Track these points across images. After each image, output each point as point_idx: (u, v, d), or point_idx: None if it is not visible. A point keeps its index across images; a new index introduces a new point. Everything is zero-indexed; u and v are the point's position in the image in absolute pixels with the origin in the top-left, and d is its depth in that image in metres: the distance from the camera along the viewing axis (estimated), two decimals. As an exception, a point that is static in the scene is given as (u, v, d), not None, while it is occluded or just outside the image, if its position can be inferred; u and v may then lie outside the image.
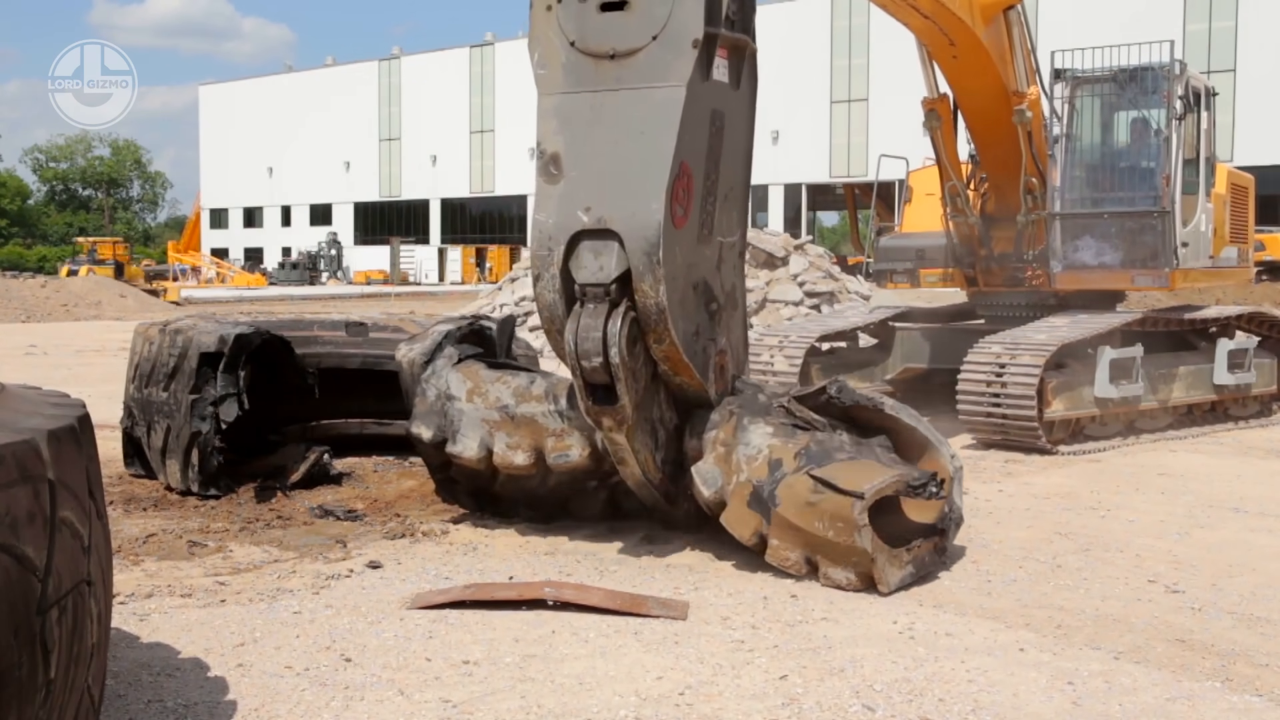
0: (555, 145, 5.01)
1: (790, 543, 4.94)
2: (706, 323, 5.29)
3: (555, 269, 4.95)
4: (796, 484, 4.94)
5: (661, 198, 4.77)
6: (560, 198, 4.96)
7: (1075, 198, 9.76)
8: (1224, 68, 42.51)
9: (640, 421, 5.12)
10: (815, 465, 4.99)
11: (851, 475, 4.94)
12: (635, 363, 4.92)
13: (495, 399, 5.79)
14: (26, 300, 29.36)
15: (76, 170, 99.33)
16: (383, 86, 72.75)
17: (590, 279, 4.88)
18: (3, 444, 2.27)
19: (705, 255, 5.27)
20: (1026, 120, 9.49)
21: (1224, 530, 6.17)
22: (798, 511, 4.89)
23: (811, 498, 4.87)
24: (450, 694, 3.67)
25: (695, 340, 5.19)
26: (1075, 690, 3.74)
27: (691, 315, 5.15)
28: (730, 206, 5.48)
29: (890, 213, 16.80)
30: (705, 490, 5.19)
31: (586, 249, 4.91)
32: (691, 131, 4.97)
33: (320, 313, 22.09)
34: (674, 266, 4.91)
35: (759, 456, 5.11)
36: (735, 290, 5.64)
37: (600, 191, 4.90)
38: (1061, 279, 9.76)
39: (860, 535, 4.74)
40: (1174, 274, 9.41)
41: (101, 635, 2.80)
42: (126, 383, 7.28)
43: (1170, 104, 9.37)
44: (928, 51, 9.56)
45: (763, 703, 3.61)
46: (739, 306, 5.70)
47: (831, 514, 4.81)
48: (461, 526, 5.94)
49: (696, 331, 5.19)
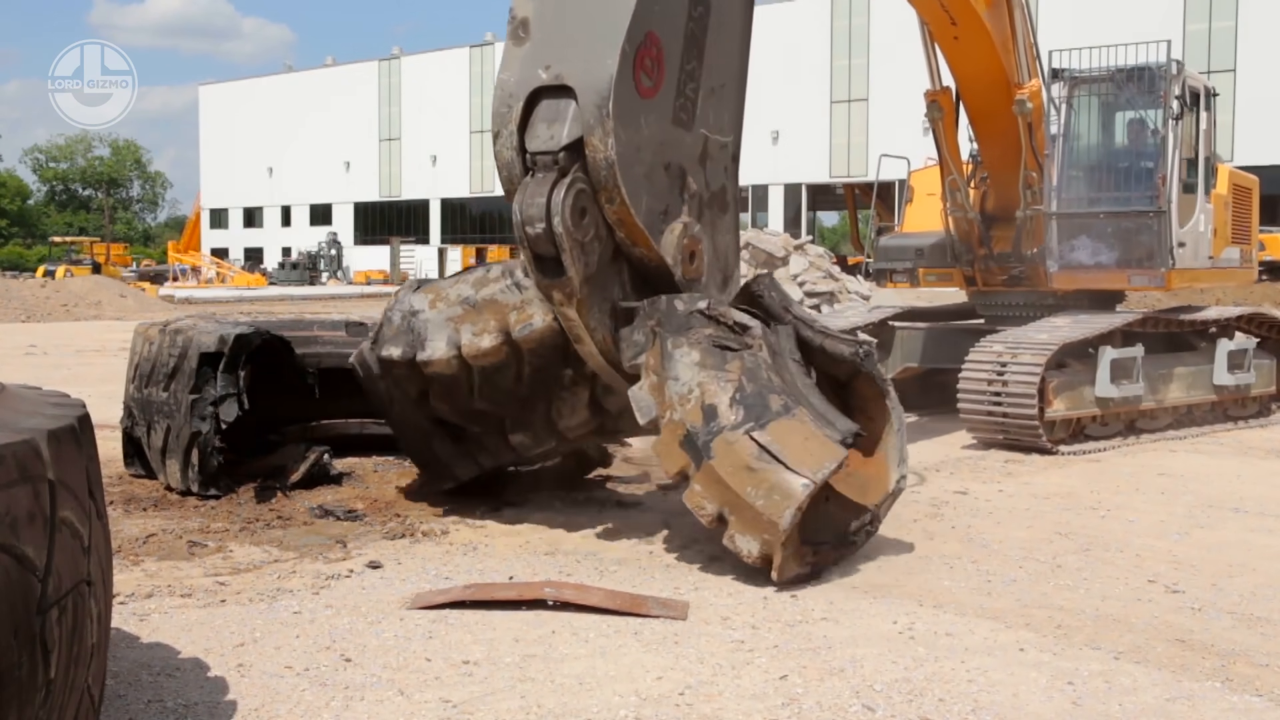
0: (525, 10, 5.19)
1: (711, 495, 4.91)
2: (679, 206, 5.36)
3: (514, 125, 5.08)
4: (739, 446, 4.86)
5: (615, 54, 4.86)
6: (524, 58, 5.12)
7: (1072, 197, 9.76)
8: (1224, 68, 42.50)
9: (595, 299, 5.17)
10: (755, 422, 4.91)
11: (797, 447, 4.88)
12: (583, 235, 4.99)
13: (457, 296, 5.92)
14: (26, 300, 29.34)
15: (76, 170, 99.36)
16: (383, 86, 72.75)
17: (540, 147, 4.98)
18: (3, 444, 2.27)
19: (684, 141, 5.38)
20: (1027, 111, 9.51)
21: (1224, 530, 6.17)
22: (733, 471, 4.84)
23: (754, 464, 4.82)
24: (450, 694, 3.67)
25: (662, 218, 5.26)
26: (1075, 690, 3.74)
27: (661, 193, 5.24)
28: (720, 104, 5.59)
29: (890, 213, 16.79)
30: (640, 418, 5.18)
31: (541, 116, 5.03)
32: (661, 4, 5.11)
33: (320, 313, 22.08)
34: (636, 134, 5.02)
35: (690, 397, 5.02)
36: (725, 192, 5.72)
37: (560, 51, 5.04)
38: (1058, 278, 9.77)
39: (788, 516, 4.72)
40: (1170, 274, 9.41)
41: (101, 635, 2.80)
42: (126, 383, 7.28)
43: (1167, 104, 9.37)
44: (930, 32, 9.59)
45: (763, 703, 3.61)
46: (729, 210, 5.78)
47: (771, 485, 4.78)
48: (461, 527, 5.94)
49: (665, 211, 5.27)
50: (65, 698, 2.51)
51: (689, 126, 5.40)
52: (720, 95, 5.58)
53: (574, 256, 4.95)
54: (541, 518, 6.11)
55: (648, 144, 5.13)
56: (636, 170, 5.05)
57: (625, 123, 4.95)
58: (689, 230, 5.38)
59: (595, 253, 5.11)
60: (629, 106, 4.96)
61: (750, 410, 4.96)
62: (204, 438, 6.43)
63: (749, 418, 4.94)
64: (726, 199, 5.73)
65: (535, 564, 5.30)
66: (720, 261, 5.67)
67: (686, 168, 5.41)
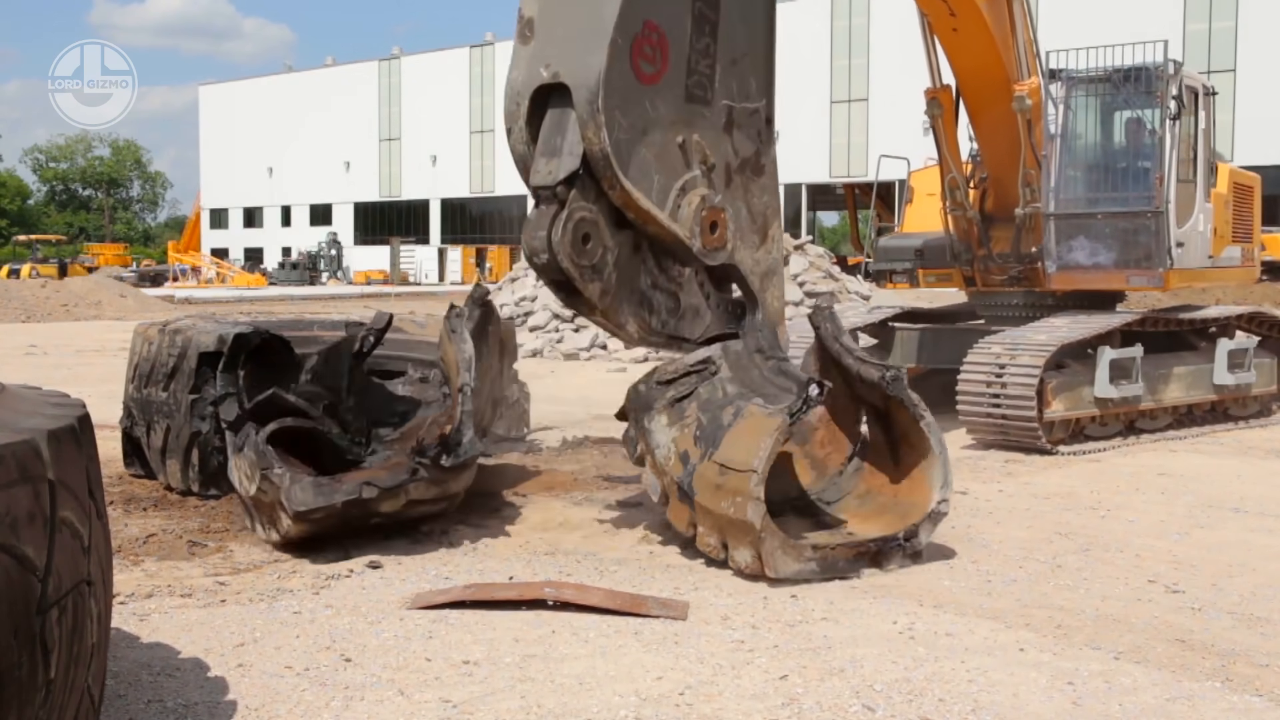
0: (531, 10, 5.43)
1: (709, 528, 5.16)
2: (697, 179, 5.55)
3: (522, 121, 5.41)
4: (705, 471, 5.17)
5: (604, 51, 5.08)
6: (529, 57, 5.39)
7: (1069, 197, 9.76)
8: (1224, 68, 42.51)
9: (622, 297, 5.50)
10: (713, 445, 5.22)
11: (746, 448, 5.07)
12: (589, 259, 5.30)
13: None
14: (26, 300, 29.34)
15: (76, 170, 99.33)
16: (383, 86, 72.74)
17: (539, 182, 5.26)
18: (3, 444, 2.27)
19: (702, 115, 5.59)
20: (1026, 108, 9.51)
21: (1224, 530, 6.17)
22: (709, 496, 5.10)
23: (718, 480, 5.08)
24: (450, 694, 3.67)
25: (680, 194, 5.48)
26: (1075, 690, 3.74)
27: (675, 170, 5.46)
28: (744, 72, 5.76)
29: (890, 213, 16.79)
30: (654, 497, 5.52)
31: (541, 151, 5.31)
32: None
33: (320, 313, 22.06)
34: (641, 118, 5.27)
35: (671, 454, 5.36)
36: (759, 155, 5.90)
37: (559, 50, 5.29)
38: (1056, 279, 9.77)
39: (752, 508, 4.85)
40: (1168, 274, 9.40)
41: (101, 635, 2.80)
42: (126, 383, 7.28)
43: (1164, 104, 9.36)
44: (929, 24, 9.61)
45: (763, 703, 3.61)
46: (765, 172, 5.95)
47: (733, 491, 4.98)
48: (461, 526, 5.94)
49: (683, 186, 5.50)
50: (65, 698, 2.51)
51: (707, 101, 5.59)
52: (743, 64, 5.75)
53: (584, 280, 5.30)
54: (541, 518, 6.11)
55: (657, 125, 5.35)
56: (644, 153, 5.29)
57: (627, 111, 5.16)
58: (708, 201, 5.57)
59: (609, 265, 5.40)
60: (629, 95, 5.18)
61: (708, 439, 5.28)
62: (204, 437, 6.43)
63: (708, 445, 5.24)
64: (761, 161, 5.92)
65: (535, 564, 5.30)
66: (757, 222, 5.92)
67: (706, 140, 5.60)
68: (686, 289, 5.81)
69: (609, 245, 5.36)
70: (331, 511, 5.24)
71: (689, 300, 5.82)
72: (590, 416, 10.05)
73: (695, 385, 5.54)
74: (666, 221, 5.42)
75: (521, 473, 7.27)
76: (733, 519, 4.96)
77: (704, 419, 5.35)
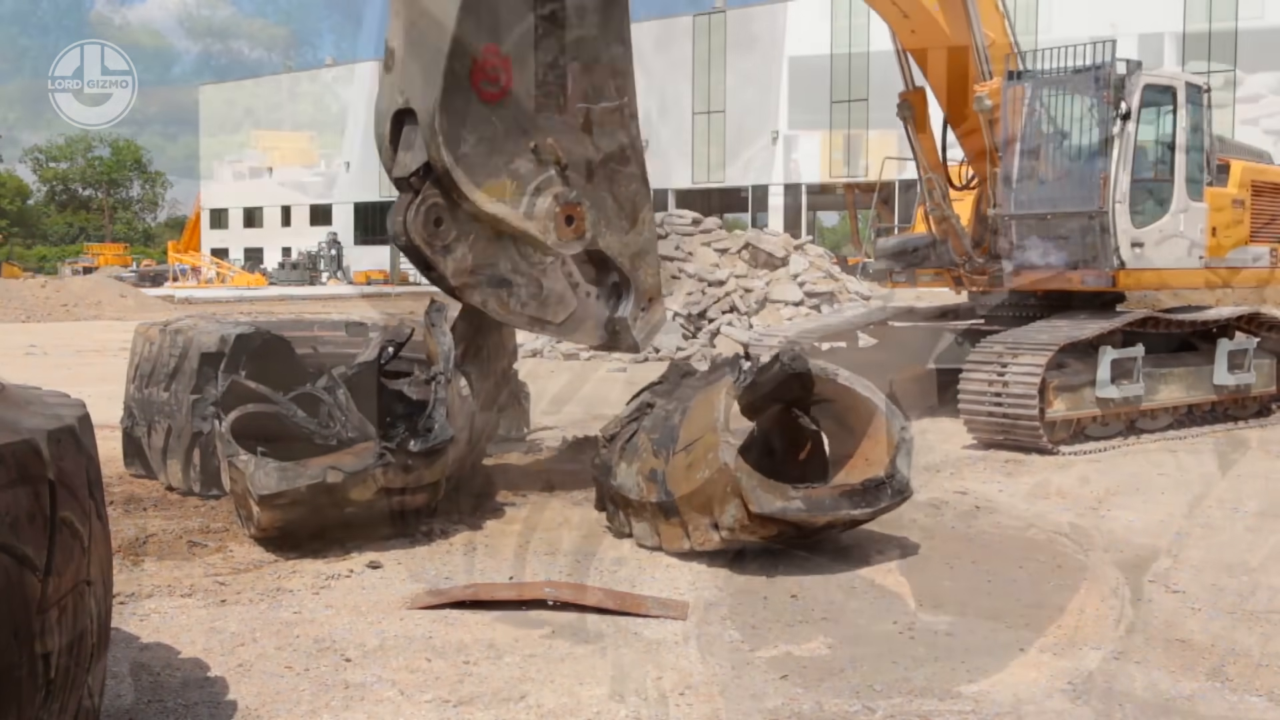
0: (395, 42, 5.90)
1: (697, 513, 5.15)
2: (553, 179, 6.05)
3: (388, 142, 5.96)
4: (674, 465, 5.25)
5: (438, 80, 5.61)
6: (389, 85, 5.94)
7: (1023, 198, 9.72)
8: (1224, 68, 42.49)
9: (481, 278, 6.03)
10: (672, 442, 5.32)
11: (698, 422, 5.19)
12: (442, 239, 5.86)
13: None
14: (26, 300, 29.33)
15: (76, 170, 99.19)
16: (383, 86, 72.65)
17: (400, 173, 5.83)
18: (3, 444, 2.27)
19: (558, 121, 6.10)
20: (986, 109, 9.55)
21: (1224, 530, 6.17)
22: (685, 481, 5.13)
23: (688, 460, 5.15)
24: (450, 694, 3.67)
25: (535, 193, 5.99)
26: (1075, 690, 3.74)
27: (529, 173, 5.98)
28: (602, 74, 6.23)
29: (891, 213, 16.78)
30: (649, 543, 5.47)
31: (404, 144, 5.83)
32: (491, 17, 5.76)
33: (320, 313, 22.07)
34: (489, 132, 5.80)
35: (640, 483, 5.43)
36: (625, 149, 6.40)
37: (409, 79, 5.82)
38: (1014, 279, 9.75)
39: (724, 450, 4.88)
40: (1118, 274, 9.32)
41: (101, 635, 2.80)
42: (127, 383, 7.28)
43: (1113, 104, 9.25)
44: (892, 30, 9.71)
45: (763, 703, 3.61)
46: (631, 161, 6.44)
47: (703, 454, 5.03)
48: (461, 526, 5.94)
49: (538, 187, 6.01)
50: (65, 698, 2.51)
51: (561, 107, 6.09)
52: (597, 70, 6.21)
53: (437, 258, 5.89)
54: (541, 518, 6.11)
55: (507, 136, 5.89)
56: (496, 161, 5.87)
57: (472, 128, 5.73)
58: (561, 199, 6.08)
59: (464, 245, 5.94)
60: (471, 115, 5.73)
61: (665, 444, 5.40)
62: (205, 438, 6.43)
63: (668, 446, 5.38)
64: (626, 154, 6.40)
65: (535, 564, 5.30)
66: (625, 208, 6.44)
67: (563, 142, 6.10)
68: (550, 275, 6.30)
69: (462, 230, 5.89)
70: (298, 497, 5.16)
71: (552, 286, 6.31)
72: (590, 416, 10.04)
73: (639, 425, 5.71)
74: (518, 222, 5.95)
75: (521, 473, 7.27)
76: (710, 479, 4.97)
77: (656, 436, 5.47)
